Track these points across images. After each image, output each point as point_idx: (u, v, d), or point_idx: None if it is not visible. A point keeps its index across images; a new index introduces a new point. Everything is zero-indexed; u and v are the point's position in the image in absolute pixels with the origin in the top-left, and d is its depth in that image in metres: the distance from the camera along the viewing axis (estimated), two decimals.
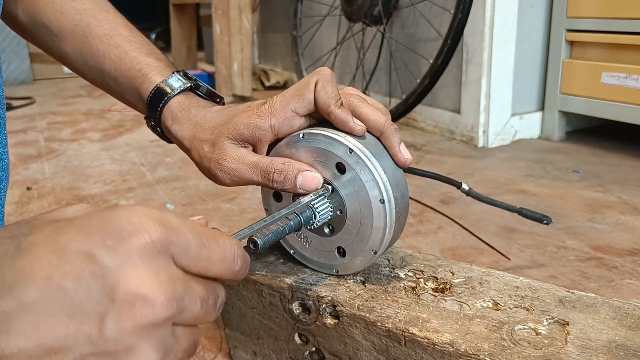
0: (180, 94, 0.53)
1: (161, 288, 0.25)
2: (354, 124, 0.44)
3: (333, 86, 0.46)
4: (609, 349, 0.38)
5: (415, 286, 0.48)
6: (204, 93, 0.55)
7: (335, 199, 0.46)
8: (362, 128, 0.45)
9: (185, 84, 0.53)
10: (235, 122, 0.47)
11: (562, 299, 0.45)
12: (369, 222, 0.45)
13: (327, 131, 0.45)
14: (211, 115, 0.51)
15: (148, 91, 0.53)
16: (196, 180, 1.31)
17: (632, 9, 1.31)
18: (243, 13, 2.20)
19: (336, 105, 0.44)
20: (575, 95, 1.49)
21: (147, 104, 0.54)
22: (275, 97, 0.47)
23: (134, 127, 1.92)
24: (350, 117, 0.45)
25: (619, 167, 1.31)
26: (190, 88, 0.54)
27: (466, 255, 0.88)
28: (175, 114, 0.52)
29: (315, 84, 0.46)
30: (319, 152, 0.45)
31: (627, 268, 0.82)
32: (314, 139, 0.46)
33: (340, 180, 0.45)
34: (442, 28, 1.45)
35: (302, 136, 0.46)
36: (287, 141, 0.47)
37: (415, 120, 1.76)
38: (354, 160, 0.44)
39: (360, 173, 0.44)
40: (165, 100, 0.52)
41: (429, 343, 0.41)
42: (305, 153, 0.46)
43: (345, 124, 0.44)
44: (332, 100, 0.44)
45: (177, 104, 0.53)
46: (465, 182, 0.71)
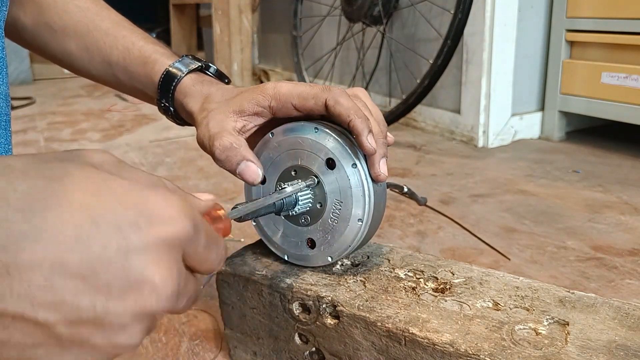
0: (191, 73, 0.55)
1: (171, 281, 0.26)
2: (366, 140, 0.45)
3: (351, 100, 0.47)
4: (609, 349, 0.38)
5: (416, 286, 0.48)
6: (213, 73, 0.57)
7: (318, 192, 0.48)
8: (373, 148, 0.45)
9: (195, 64, 0.55)
10: (241, 97, 0.49)
11: (562, 299, 0.45)
12: (347, 220, 0.47)
13: (320, 125, 0.48)
14: (222, 91, 0.52)
15: (159, 73, 0.55)
16: (196, 180, 1.31)
17: (632, 9, 1.31)
18: (243, 13, 2.20)
19: (357, 115, 0.45)
20: (575, 96, 1.49)
21: (159, 86, 0.55)
22: (284, 84, 0.48)
23: (134, 127, 1.92)
24: (366, 131, 0.45)
25: (619, 167, 1.31)
26: (200, 68, 0.56)
27: (466, 256, 0.88)
28: (188, 88, 0.54)
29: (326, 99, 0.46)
30: (312, 143, 0.47)
31: (627, 268, 0.82)
32: (304, 131, 0.48)
33: (327, 174, 0.47)
34: (442, 28, 1.45)
35: (315, 129, 0.47)
36: (291, 126, 0.49)
37: (415, 120, 1.76)
38: (352, 174, 0.46)
39: (354, 189, 0.46)
40: (178, 79, 0.54)
41: (429, 343, 0.41)
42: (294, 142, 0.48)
43: (360, 135, 0.45)
44: (352, 110, 0.45)
45: (190, 80, 0.54)
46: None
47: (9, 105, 0.52)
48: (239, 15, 2.18)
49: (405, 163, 1.40)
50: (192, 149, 1.61)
